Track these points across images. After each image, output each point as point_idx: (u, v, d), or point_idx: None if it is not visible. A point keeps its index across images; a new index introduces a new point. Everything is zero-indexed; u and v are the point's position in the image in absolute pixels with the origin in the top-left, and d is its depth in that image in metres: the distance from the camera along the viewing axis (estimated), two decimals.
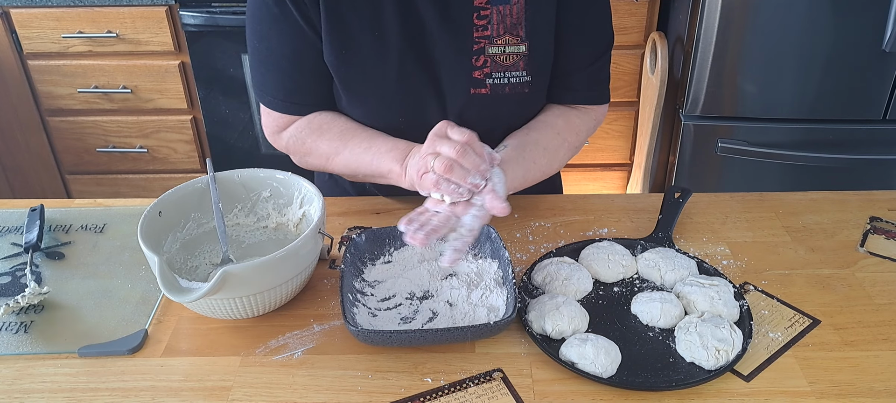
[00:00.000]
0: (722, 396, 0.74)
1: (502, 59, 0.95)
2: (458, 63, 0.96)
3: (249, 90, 2.12)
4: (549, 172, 1.01)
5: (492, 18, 0.94)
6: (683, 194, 1.05)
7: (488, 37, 0.94)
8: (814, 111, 1.89)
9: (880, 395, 0.74)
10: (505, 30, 0.94)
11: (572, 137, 1.03)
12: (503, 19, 0.94)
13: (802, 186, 1.95)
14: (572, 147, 1.04)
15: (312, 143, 1.00)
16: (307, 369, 0.78)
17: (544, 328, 0.80)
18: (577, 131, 1.04)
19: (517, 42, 0.95)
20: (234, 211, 0.97)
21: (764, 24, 1.77)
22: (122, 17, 2.01)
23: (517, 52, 0.95)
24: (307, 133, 1.01)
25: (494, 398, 0.74)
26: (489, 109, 0.99)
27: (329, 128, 0.99)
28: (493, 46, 0.95)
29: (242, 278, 0.77)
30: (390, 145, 0.94)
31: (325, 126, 1.00)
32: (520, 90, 0.97)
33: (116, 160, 2.29)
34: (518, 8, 0.94)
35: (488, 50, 0.95)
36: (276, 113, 1.02)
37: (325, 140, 0.99)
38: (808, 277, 0.92)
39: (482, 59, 0.95)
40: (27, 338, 0.83)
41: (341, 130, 0.99)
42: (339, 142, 0.98)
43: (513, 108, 1.00)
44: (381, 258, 0.93)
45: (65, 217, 1.06)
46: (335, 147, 0.98)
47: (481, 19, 0.94)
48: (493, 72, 0.96)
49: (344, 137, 0.98)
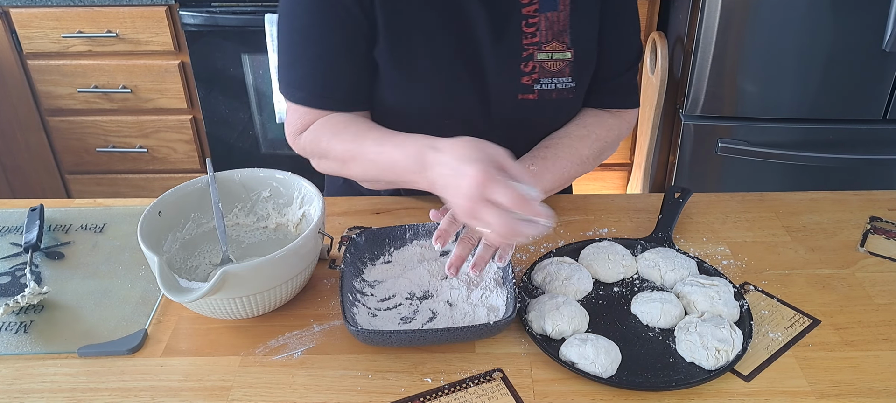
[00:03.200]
0: (722, 396, 0.74)
1: (550, 66, 0.96)
2: (508, 69, 0.96)
3: (249, 90, 2.12)
4: (581, 171, 1.02)
5: (540, 25, 0.94)
6: (683, 194, 1.05)
7: (537, 43, 0.95)
8: (814, 111, 1.89)
9: (880, 395, 0.74)
10: (552, 36, 0.95)
11: (604, 132, 1.03)
12: (551, 26, 0.95)
13: (802, 186, 1.95)
14: (605, 143, 1.04)
15: (327, 144, 0.94)
16: (307, 369, 0.78)
17: (544, 328, 0.80)
18: (608, 128, 1.04)
19: (563, 48, 0.96)
20: (234, 211, 0.97)
21: (764, 24, 1.77)
22: (121, 16, 2.01)
23: (563, 59, 0.96)
24: (322, 132, 0.95)
25: (494, 398, 0.74)
26: (534, 114, 0.99)
27: (345, 129, 0.93)
28: (542, 52, 0.95)
29: (242, 278, 0.77)
30: (402, 151, 0.84)
31: (340, 126, 0.94)
32: (565, 96, 0.98)
33: (116, 160, 2.29)
34: (564, 15, 0.95)
35: (537, 56, 0.96)
36: (305, 109, 0.96)
37: (340, 141, 0.93)
38: (808, 277, 0.92)
39: (531, 65, 0.96)
40: (27, 338, 0.83)
41: (356, 132, 0.92)
42: (352, 144, 0.91)
43: (556, 113, 1.01)
44: (380, 258, 0.93)
45: (64, 217, 1.06)
46: (349, 149, 0.91)
47: (530, 26, 0.94)
48: (541, 78, 0.96)
49: (358, 138, 0.91)
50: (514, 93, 0.97)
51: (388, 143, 0.86)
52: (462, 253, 0.84)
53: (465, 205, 0.72)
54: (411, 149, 0.82)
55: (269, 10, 1.96)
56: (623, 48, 1.03)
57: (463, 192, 0.72)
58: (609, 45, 1.00)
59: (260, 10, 1.96)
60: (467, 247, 0.84)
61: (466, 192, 0.72)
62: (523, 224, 0.71)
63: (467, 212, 0.73)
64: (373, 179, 0.95)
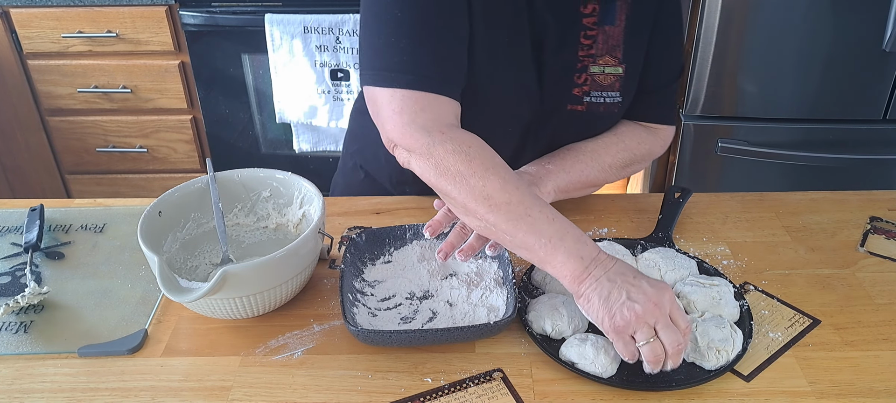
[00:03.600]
0: (722, 396, 0.74)
1: (601, 79, 0.95)
2: (563, 78, 0.95)
3: (249, 90, 2.11)
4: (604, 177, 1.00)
5: (597, 38, 0.94)
6: (683, 194, 1.05)
7: (592, 56, 0.94)
8: (814, 111, 1.89)
9: (880, 395, 0.74)
10: (606, 50, 0.95)
11: (634, 144, 1.02)
12: (607, 40, 0.94)
13: (802, 186, 1.95)
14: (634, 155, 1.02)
15: (481, 169, 0.79)
16: (307, 369, 0.78)
17: (544, 328, 0.80)
18: (639, 140, 1.03)
19: (615, 63, 0.95)
20: (234, 211, 0.97)
21: (764, 24, 1.76)
22: (121, 16, 2.01)
23: (614, 73, 0.96)
24: (480, 153, 0.81)
25: (494, 398, 0.74)
26: (580, 126, 0.99)
27: (505, 168, 0.82)
28: (595, 66, 0.95)
29: (242, 278, 0.77)
30: (577, 237, 0.77)
31: (498, 161, 0.82)
32: (611, 110, 0.98)
33: (116, 160, 2.29)
34: (619, 30, 0.94)
35: (590, 69, 0.95)
36: (432, 96, 0.84)
37: (499, 178, 0.79)
38: (808, 277, 0.92)
39: (584, 77, 0.95)
40: (27, 338, 0.83)
41: (518, 179, 0.82)
42: (517, 193, 0.79)
43: (599, 127, 1.01)
44: (380, 258, 0.93)
45: (65, 217, 1.06)
46: (511, 195, 0.78)
47: (588, 38, 0.94)
48: (592, 91, 0.96)
49: (522, 189, 0.80)
50: (565, 103, 0.96)
51: (561, 220, 0.78)
52: (454, 241, 0.86)
53: (648, 306, 0.73)
54: (589, 247, 0.77)
55: (269, 10, 1.96)
56: (666, 63, 1.02)
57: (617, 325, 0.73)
58: (653, 59, 0.99)
59: (260, 10, 1.96)
60: (460, 237, 0.86)
61: (620, 325, 0.73)
62: None
63: (648, 311, 0.73)
64: (502, 230, 0.79)
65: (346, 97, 2.02)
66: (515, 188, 0.79)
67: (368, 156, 1.13)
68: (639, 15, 0.95)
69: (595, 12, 0.93)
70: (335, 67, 1.98)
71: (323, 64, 1.98)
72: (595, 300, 0.74)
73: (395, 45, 0.85)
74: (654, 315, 0.72)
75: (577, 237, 0.77)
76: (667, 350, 0.72)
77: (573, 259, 0.76)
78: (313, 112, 2.05)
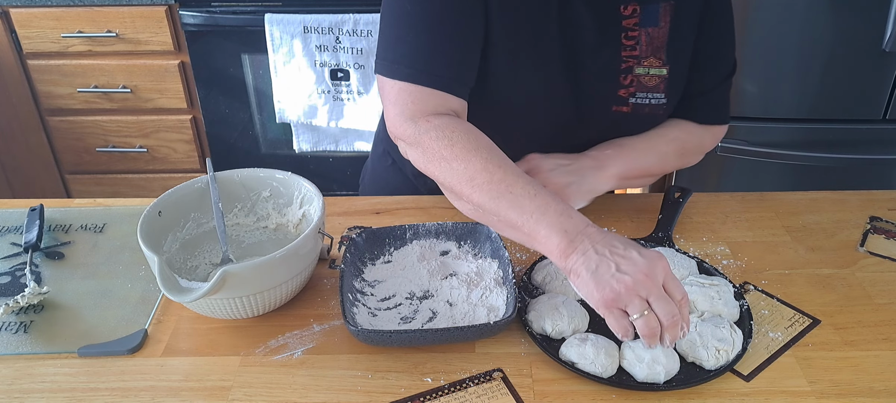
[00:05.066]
0: (722, 396, 0.74)
1: (647, 81, 0.95)
2: (606, 79, 0.95)
3: (249, 90, 2.11)
4: (661, 166, 1.01)
5: (640, 39, 0.94)
6: (683, 194, 1.05)
7: (636, 57, 0.94)
8: (814, 111, 1.89)
9: (880, 395, 0.74)
10: (651, 52, 0.94)
11: (685, 135, 1.02)
12: (650, 41, 0.94)
13: (802, 186, 1.95)
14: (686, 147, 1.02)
15: (462, 151, 0.81)
16: (307, 369, 0.78)
17: (544, 328, 0.80)
18: (690, 132, 1.03)
19: (660, 65, 0.95)
20: (234, 211, 0.97)
21: (764, 24, 1.76)
22: (121, 16, 2.01)
23: (659, 75, 0.95)
24: (462, 135, 0.82)
25: (494, 398, 0.74)
26: (625, 127, 0.99)
27: (489, 147, 0.83)
28: (640, 67, 0.95)
29: (242, 278, 0.77)
30: (561, 210, 0.77)
31: (483, 141, 0.83)
32: (656, 111, 0.97)
33: (116, 160, 2.29)
34: (664, 32, 0.94)
35: (635, 70, 0.95)
36: (428, 90, 0.85)
37: (481, 158, 0.81)
38: (808, 277, 0.92)
39: (629, 78, 0.95)
40: (27, 338, 0.83)
41: (502, 157, 0.82)
42: (499, 170, 0.79)
43: (644, 128, 1.01)
44: (380, 258, 0.93)
45: (64, 217, 1.06)
46: (492, 173, 0.79)
47: (629, 39, 0.94)
48: (637, 93, 0.95)
49: (506, 167, 0.81)
50: (609, 105, 0.96)
51: (544, 194, 0.78)
52: None
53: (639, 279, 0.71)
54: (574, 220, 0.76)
55: (269, 9, 1.96)
56: (718, 62, 1.01)
57: (639, 266, 0.71)
58: (705, 58, 0.99)
59: (260, 10, 1.96)
60: None
61: (645, 265, 0.71)
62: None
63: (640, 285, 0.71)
64: (489, 209, 0.80)
65: (345, 97, 2.02)
66: (497, 167, 0.80)
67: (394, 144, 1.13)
68: (683, 18, 0.95)
69: (635, 14, 0.93)
70: (335, 67, 1.98)
71: (323, 64, 1.98)
72: (584, 274, 0.72)
73: (403, 38, 0.87)
74: (645, 286, 0.70)
75: (561, 210, 0.76)
76: (662, 323, 0.70)
77: (556, 232, 0.74)
78: (313, 112, 2.05)
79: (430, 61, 0.86)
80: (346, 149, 2.14)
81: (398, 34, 0.88)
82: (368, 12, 1.90)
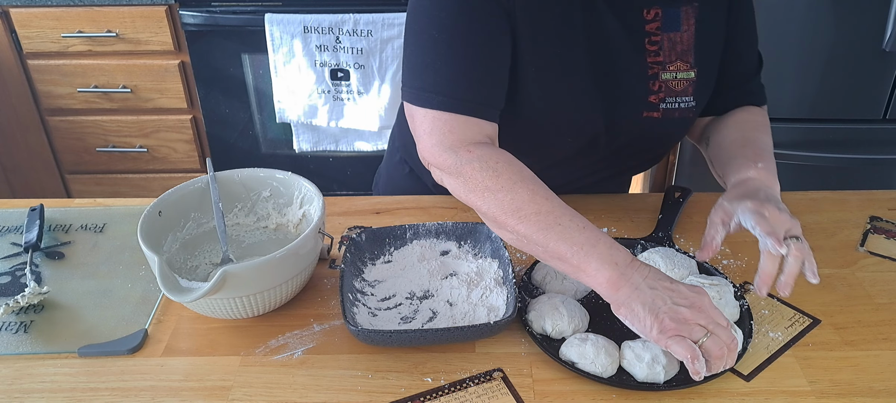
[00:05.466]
0: (722, 396, 0.74)
1: (675, 85, 0.95)
2: (637, 86, 0.94)
3: (249, 90, 2.11)
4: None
5: (663, 44, 0.93)
6: (683, 194, 1.05)
7: (661, 62, 0.94)
8: (814, 111, 1.89)
9: (880, 395, 0.74)
10: (676, 56, 0.94)
11: (764, 120, 1.02)
12: (674, 46, 0.94)
13: (802, 186, 1.95)
14: (769, 131, 1.01)
15: (509, 182, 0.81)
16: (307, 369, 0.78)
17: (544, 327, 0.80)
18: (761, 114, 1.03)
19: (687, 68, 0.95)
20: (234, 211, 0.97)
21: (763, 24, 1.75)
22: (121, 16, 2.01)
23: (687, 78, 0.95)
24: (507, 166, 0.82)
25: (494, 397, 0.74)
26: (655, 133, 0.98)
27: (534, 179, 0.82)
28: (667, 72, 0.94)
29: (242, 278, 0.77)
30: (610, 244, 0.77)
31: (527, 172, 0.83)
32: (686, 115, 0.97)
33: (116, 160, 2.29)
34: (688, 35, 0.94)
35: (662, 75, 0.94)
36: (462, 117, 0.85)
37: (528, 189, 0.80)
38: None
39: (657, 84, 0.94)
40: (27, 338, 0.83)
41: (547, 189, 0.82)
42: (546, 202, 0.80)
43: (674, 132, 1.01)
44: (381, 257, 0.93)
45: (64, 216, 1.06)
46: (540, 205, 0.79)
47: (653, 45, 0.93)
48: (667, 97, 0.95)
49: (552, 199, 0.80)
50: (640, 111, 0.95)
51: (592, 228, 0.79)
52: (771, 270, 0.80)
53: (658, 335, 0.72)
54: (623, 254, 0.76)
55: (269, 9, 1.96)
56: (752, 51, 1.04)
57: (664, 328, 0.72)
58: (743, 49, 1.01)
59: (260, 10, 1.96)
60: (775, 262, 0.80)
61: (667, 328, 0.72)
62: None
63: (693, 310, 0.73)
64: (535, 241, 0.79)
65: (345, 97, 2.02)
66: (544, 198, 0.80)
67: (413, 154, 1.11)
68: (709, 19, 0.94)
69: (657, 18, 0.92)
70: (335, 67, 1.98)
71: (323, 63, 1.98)
72: (639, 309, 0.73)
73: (431, 65, 0.86)
74: (703, 316, 0.72)
75: (610, 243, 0.77)
76: (728, 347, 0.72)
77: (607, 265, 0.75)
78: (313, 112, 2.05)
79: (461, 88, 0.85)
80: (347, 148, 2.14)
81: (426, 61, 0.87)
82: (368, 12, 1.90)
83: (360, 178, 2.23)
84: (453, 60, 0.86)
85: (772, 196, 0.85)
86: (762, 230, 0.79)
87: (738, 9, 0.98)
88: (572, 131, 0.96)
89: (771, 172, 0.91)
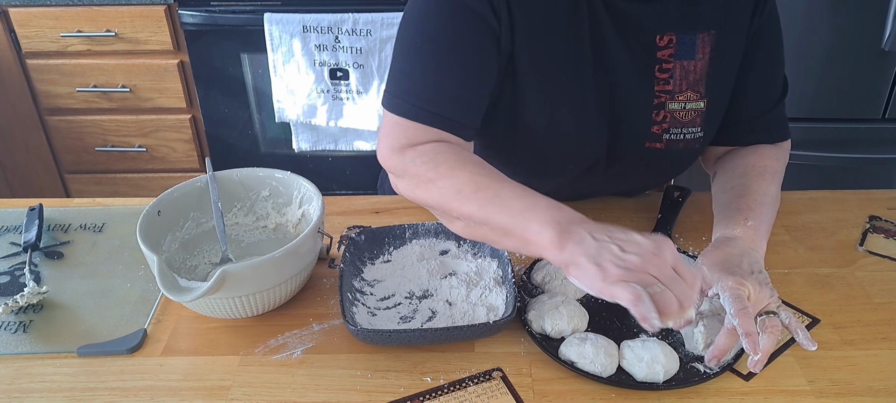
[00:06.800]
0: (722, 396, 0.74)
1: (681, 115, 0.91)
2: (639, 116, 0.91)
3: (249, 89, 2.11)
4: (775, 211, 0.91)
5: (675, 73, 0.89)
6: (683, 194, 1.05)
7: (670, 92, 0.90)
8: (813, 110, 1.89)
9: (879, 394, 0.74)
10: (687, 85, 0.90)
11: (775, 164, 0.95)
12: (686, 75, 0.90)
13: (802, 185, 1.94)
14: (780, 176, 0.95)
15: (448, 169, 0.79)
16: (306, 368, 0.78)
17: (544, 327, 0.80)
18: (775, 158, 0.96)
19: (697, 98, 0.91)
20: (234, 211, 0.97)
21: None
22: (121, 16, 2.01)
23: (696, 109, 0.91)
24: (448, 155, 0.80)
25: (494, 397, 0.74)
26: (658, 163, 0.95)
27: (476, 162, 0.81)
28: (674, 102, 0.90)
29: (241, 277, 0.77)
30: (551, 204, 0.74)
31: (468, 157, 0.81)
32: (692, 146, 0.94)
33: (115, 159, 2.29)
34: (702, 64, 0.90)
35: (669, 105, 0.91)
36: (421, 126, 0.83)
37: (467, 171, 0.78)
38: (807, 276, 0.92)
39: (662, 114, 0.91)
40: (26, 338, 0.83)
41: (490, 169, 0.80)
42: (486, 179, 0.77)
43: (679, 163, 0.97)
44: (380, 257, 0.93)
45: (64, 216, 1.06)
46: (478, 182, 0.77)
47: (663, 73, 0.89)
48: (671, 128, 0.92)
49: (493, 175, 0.78)
50: (642, 141, 0.92)
51: (533, 194, 0.75)
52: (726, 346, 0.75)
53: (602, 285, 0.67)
54: (566, 212, 0.72)
55: (268, 9, 1.95)
56: (774, 83, 0.97)
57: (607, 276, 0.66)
58: (761, 81, 0.95)
59: (260, 10, 1.96)
60: (733, 338, 0.75)
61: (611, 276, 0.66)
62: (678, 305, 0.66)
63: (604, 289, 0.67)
64: (481, 220, 0.77)
65: (345, 96, 2.02)
66: (483, 176, 0.77)
67: None
68: (726, 47, 0.90)
69: (671, 44, 0.88)
70: (334, 67, 1.98)
71: (322, 63, 1.98)
72: (583, 262, 0.67)
73: (408, 73, 0.85)
74: (655, 265, 0.66)
75: (551, 204, 0.73)
76: (682, 303, 0.65)
77: (549, 225, 0.70)
78: (312, 111, 2.05)
79: (430, 100, 0.83)
80: (346, 148, 2.14)
81: (404, 69, 0.86)
82: (368, 12, 1.90)
83: (359, 178, 2.23)
84: (428, 72, 0.84)
85: (754, 263, 0.79)
86: (734, 310, 0.73)
87: (758, 36, 0.93)
88: (574, 157, 0.94)
89: (759, 231, 0.85)
